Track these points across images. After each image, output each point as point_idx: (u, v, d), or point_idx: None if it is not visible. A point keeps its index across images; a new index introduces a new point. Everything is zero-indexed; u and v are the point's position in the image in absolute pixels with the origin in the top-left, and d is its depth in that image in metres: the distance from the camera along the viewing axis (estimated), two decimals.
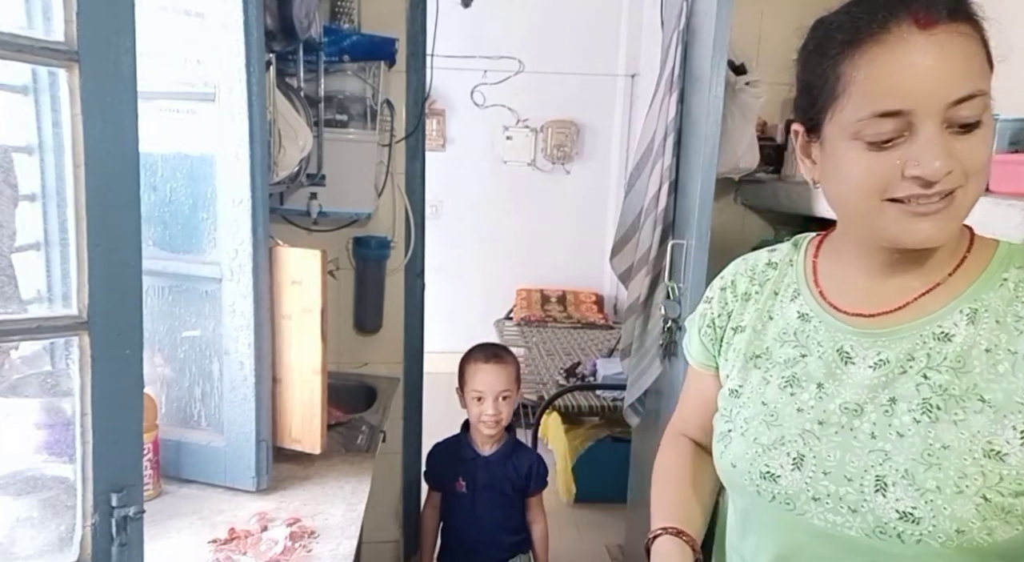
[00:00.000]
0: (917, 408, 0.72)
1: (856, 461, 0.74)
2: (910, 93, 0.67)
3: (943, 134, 0.68)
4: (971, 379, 0.71)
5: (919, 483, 0.70)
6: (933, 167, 0.67)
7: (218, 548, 1.28)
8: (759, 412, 0.83)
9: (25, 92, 1.09)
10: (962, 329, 0.73)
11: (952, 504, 0.68)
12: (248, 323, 1.42)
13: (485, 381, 1.87)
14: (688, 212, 1.83)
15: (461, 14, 2.70)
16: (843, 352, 0.79)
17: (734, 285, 0.92)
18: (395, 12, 2.23)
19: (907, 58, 0.67)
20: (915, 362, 0.74)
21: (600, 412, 3.34)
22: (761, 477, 0.79)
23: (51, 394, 1.08)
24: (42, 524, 0.96)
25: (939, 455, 0.70)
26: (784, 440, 0.79)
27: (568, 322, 4.74)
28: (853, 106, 0.71)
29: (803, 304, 0.85)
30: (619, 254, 2.20)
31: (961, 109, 0.67)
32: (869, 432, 0.74)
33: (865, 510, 0.72)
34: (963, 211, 0.71)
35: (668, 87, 1.89)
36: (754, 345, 0.87)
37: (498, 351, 1.96)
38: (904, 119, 0.68)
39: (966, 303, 0.74)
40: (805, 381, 0.80)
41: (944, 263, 0.77)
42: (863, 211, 0.73)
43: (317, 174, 2.04)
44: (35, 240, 1.13)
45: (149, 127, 0.92)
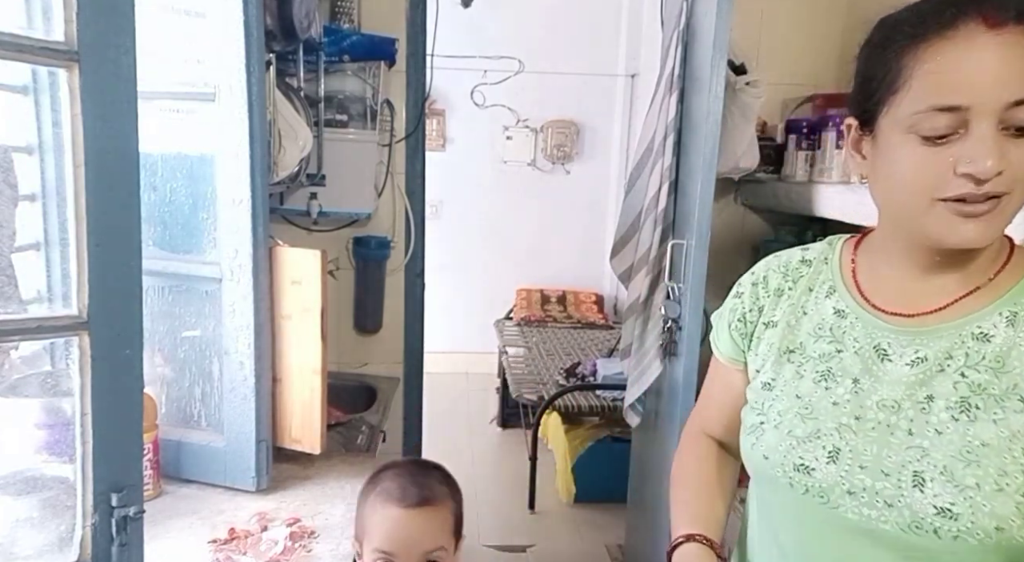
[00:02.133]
0: (955, 406, 0.73)
1: (893, 456, 0.74)
2: (970, 89, 0.68)
3: (998, 135, 0.68)
4: (1011, 379, 0.72)
5: (958, 479, 0.70)
6: (985, 165, 0.67)
7: (218, 548, 1.28)
8: (793, 405, 0.83)
9: (25, 92, 1.09)
10: (1001, 331, 0.74)
11: (992, 501, 0.68)
12: (248, 323, 1.42)
13: (397, 538, 1.05)
14: (688, 212, 1.83)
15: (461, 14, 2.70)
16: (880, 349, 0.80)
17: (766, 281, 0.93)
18: (395, 12, 2.23)
19: (971, 55, 0.68)
20: (953, 361, 0.75)
21: (600, 412, 3.34)
22: (795, 469, 0.80)
23: (51, 394, 1.08)
24: (42, 524, 0.96)
25: (979, 452, 0.70)
26: (820, 433, 0.79)
27: (568, 322, 4.74)
28: (912, 99, 0.71)
29: (839, 300, 0.85)
30: (619, 254, 2.20)
31: (1019, 111, 0.67)
32: (906, 429, 0.75)
33: (902, 505, 0.72)
34: (1007, 216, 0.71)
35: (668, 87, 1.89)
36: (788, 340, 0.87)
37: (425, 482, 1.10)
38: (961, 116, 0.68)
39: (1006, 306, 0.75)
40: (840, 376, 0.81)
41: (985, 268, 0.78)
42: (911, 208, 0.74)
43: (317, 174, 2.04)
44: (35, 240, 1.13)
45: (149, 127, 0.92)
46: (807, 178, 1.99)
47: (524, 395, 3.43)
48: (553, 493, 3.34)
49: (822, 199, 1.85)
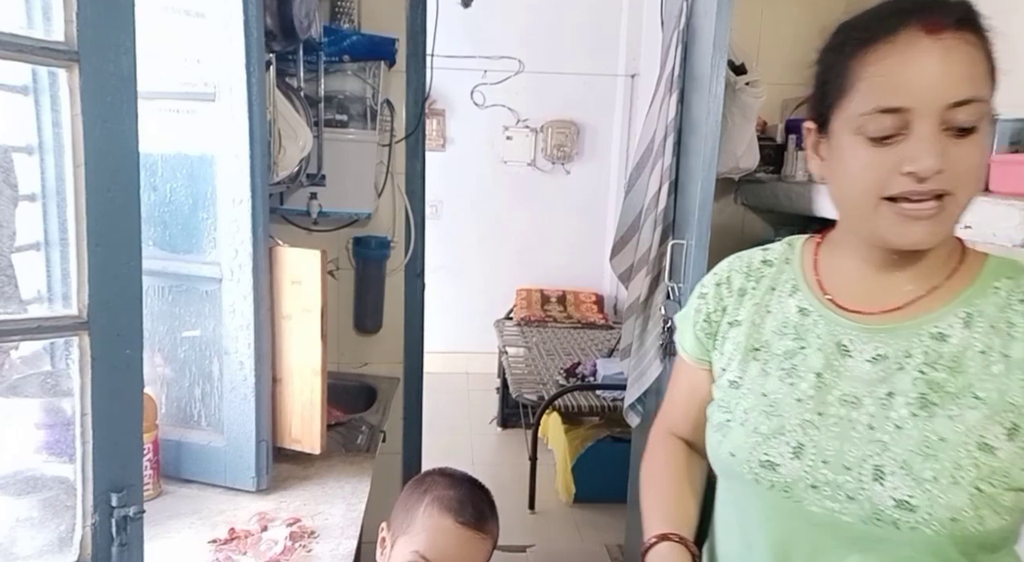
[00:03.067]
0: (914, 402, 0.76)
1: (854, 451, 0.77)
2: (912, 91, 0.71)
3: (939, 135, 0.71)
4: (966, 378, 0.75)
5: (916, 473, 0.73)
6: (926, 164, 0.71)
7: (218, 548, 1.28)
8: (759, 402, 0.85)
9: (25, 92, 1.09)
10: (958, 331, 0.77)
11: (948, 494, 0.71)
12: (248, 323, 1.42)
13: (446, 552, 1.04)
14: (688, 212, 1.83)
15: (461, 14, 2.69)
16: (842, 346, 0.82)
17: (729, 281, 0.95)
18: (395, 12, 2.23)
19: (912, 59, 0.72)
20: (912, 359, 0.78)
21: (600, 412, 3.34)
22: (760, 465, 0.82)
23: (51, 394, 1.08)
24: (42, 524, 0.96)
25: (936, 447, 0.73)
26: (784, 429, 0.82)
27: (568, 322, 4.74)
28: (859, 101, 0.75)
29: (802, 299, 0.88)
30: (619, 254, 2.20)
31: (959, 113, 0.71)
32: (867, 423, 0.77)
33: (862, 498, 0.75)
34: (952, 218, 0.75)
35: (668, 87, 1.89)
36: (753, 338, 0.89)
37: (482, 509, 1.10)
38: (904, 117, 0.72)
39: (962, 307, 0.78)
40: (804, 372, 0.83)
41: (939, 268, 0.81)
42: (861, 207, 0.77)
43: (317, 174, 2.04)
44: (35, 240, 1.13)
45: (149, 127, 0.92)
46: (807, 178, 1.99)
47: (524, 395, 3.43)
48: (553, 493, 3.34)
49: (822, 199, 1.85)
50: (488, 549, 1.09)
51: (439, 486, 1.09)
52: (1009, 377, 0.74)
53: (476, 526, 1.06)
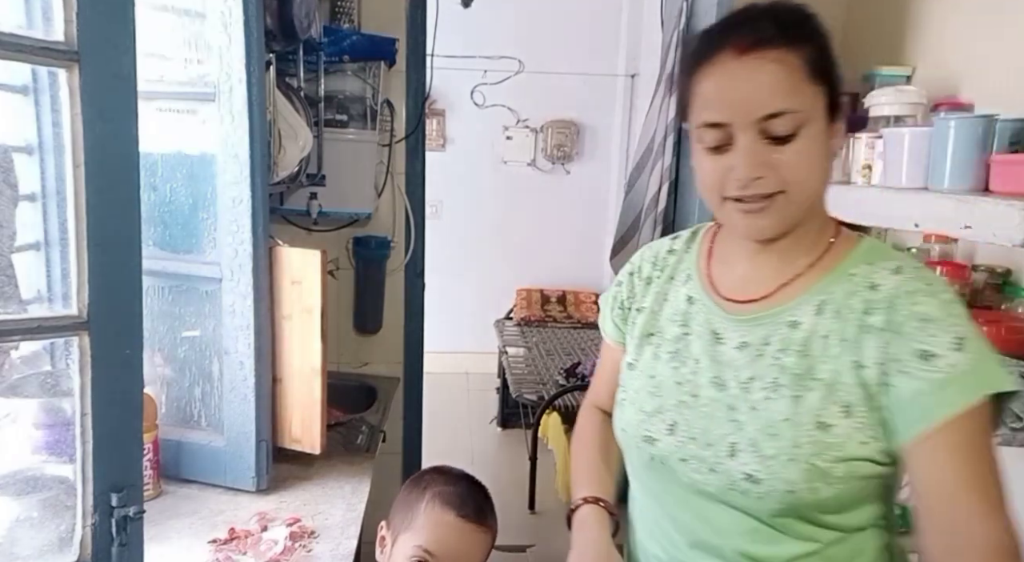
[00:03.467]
0: (768, 386, 0.84)
1: (716, 429, 0.86)
2: (726, 108, 0.81)
3: (758, 145, 0.80)
4: (810, 362, 0.82)
5: (761, 450, 0.81)
6: (742, 172, 0.81)
7: (218, 548, 1.28)
8: (646, 384, 0.94)
9: (25, 92, 1.09)
10: (809, 319, 0.84)
11: (786, 469, 0.80)
12: (248, 323, 1.42)
13: (448, 546, 1.06)
14: (688, 212, 1.83)
15: (461, 14, 2.69)
16: (716, 333, 0.91)
17: (640, 270, 1.04)
18: (395, 12, 2.23)
19: (726, 79, 0.81)
20: (770, 346, 0.85)
21: None
22: (643, 440, 0.92)
23: (51, 394, 1.08)
24: (42, 524, 0.96)
25: (778, 427, 0.81)
26: (663, 409, 0.91)
27: (568, 322, 4.73)
28: (693, 116, 0.85)
29: (692, 288, 0.96)
30: (619, 254, 2.20)
31: (773, 124, 0.79)
32: (729, 405, 0.86)
33: (720, 471, 0.84)
34: (789, 210, 0.82)
35: (668, 87, 1.89)
36: (650, 324, 0.98)
37: (481, 503, 1.12)
38: (727, 130, 0.81)
39: (816, 296, 0.85)
40: (686, 357, 0.92)
41: (804, 255, 0.88)
42: (713, 205, 0.87)
43: (317, 174, 2.04)
44: (35, 240, 1.13)
45: (149, 127, 0.92)
46: None
47: (524, 395, 3.42)
48: (553, 493, 3.34)
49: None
50: (488, 543, 1.13)
51: (438, 483, 1.11)
52: (842, 358, 0.81)
53: (477, 520, 1.09)
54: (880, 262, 0.84)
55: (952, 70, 1.82)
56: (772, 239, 0.86)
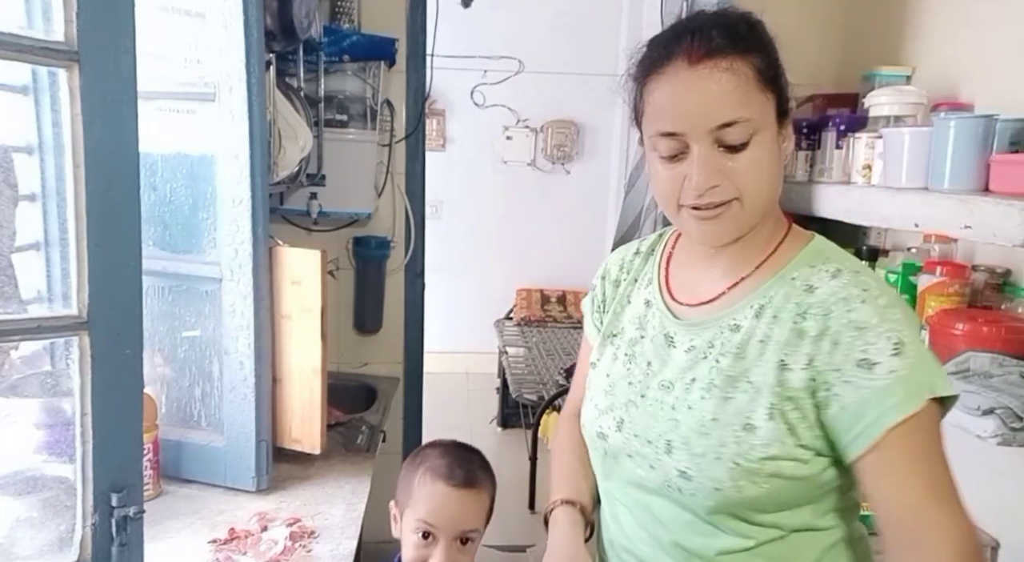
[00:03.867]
0: (705, 387, 0.85)
1: (656, 427, 0.88)
2: (680, 119, 0.81)
3: (712, 153, 0.81)
4: (744, 364, 0.84)
5: (692, 448, 0.84)
6: (696, 181, 0.81)
7: (218, 548, 1.28)
8: (602, 383, 0.97)
9: (25, 92, 1.09)
10: (748, 322, 0.86)
11: (712, 467, 0.82)
12: (248, 323, 1.42)
13: (441, 513, 1.14)
14: None
15: (461, 14, 2.69)
16: (668, 337, 0.93)
17: (608, 272, 1.06)
18: (395, 12, 2.23)
19: (678, 89, 0.81)
20: (713, 349, 0.87)
21: None
22: (597, 436, 0.95)
23: (51, 394, 1.08)
24: (42, 524, 0.96)
25: (708, 426, 0.83)
26: (614, 406, 0.94)
27: (568, 322, 4.73)
28: (647, 124, 0.86)
29: (650, 292, 0.98)
30: None
31: (726, 133, 0.80)
32: (671, 405, 0.88)
33: (658, 467, 0.86)
34: (743, 217, 0.83)
35: None
36: (612, 325, 1.01)
37: (471, 468, 1.19)
38: (680, 139, 0.82)
39: (757, 299, 0.86)
40: (640, 359, 0.94)
41: (754, 257, 0.89)
42: (667, 211, 0.88)
43: (317, 174, 2.04)
44: (35, 240, 1.13)
45: (149, 127, 0.92)
46: (807, 178, 1.99)
47: (524, 395, 3.42)
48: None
49: (822, 199, 1.85)
50: (485, 502, 1.20)
51: (430, 457, 1.18)
52: (771, 361, 0.82)
53: (467, 485, 1.16)
54: (821, 265, 0.85)
55: (952, 70, 1.82)
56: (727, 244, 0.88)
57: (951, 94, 1.79)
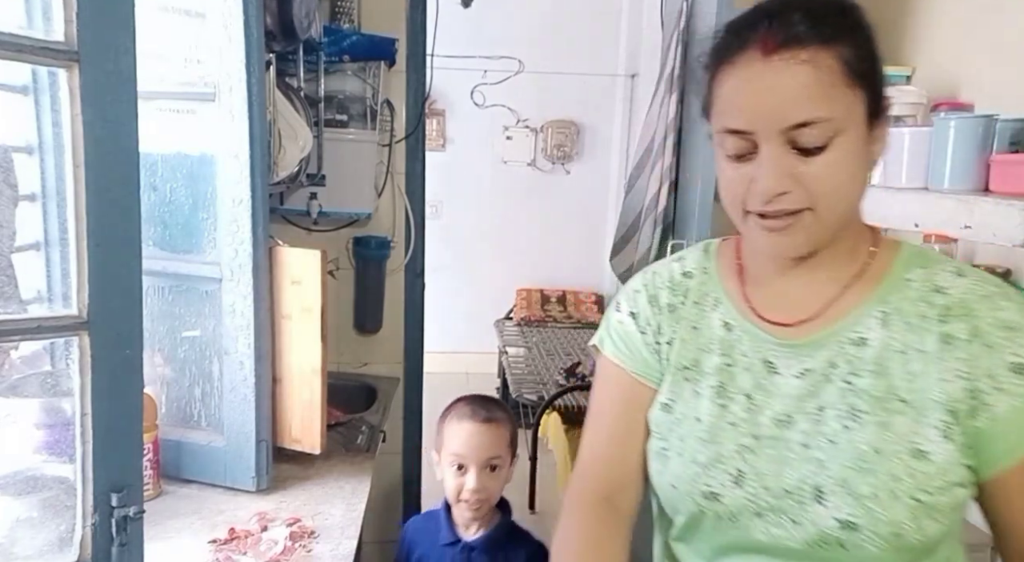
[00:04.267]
0: (845, 414, 0.73)
1: (793, 473, 0.74)
2: (750, 116, 0.72)
3: (784, 155, 0.71)
4: (889, 381, 0.73)
5: (854, 490, 0.70)
6: (764, 186, 0.72)
7: (218, 548, 1.28)
8: (694, 429, 0.81)
9: (25, 92, 1.09)
10: (876, 332, 0.75)
11: (888, 509, 0.69)
12: (248, 323, 1.42)
13: (469, 444, 1.41)
14: (688, 212, 1.83)
15: (461, 14, 2.69)
16: (768, 363, 0.80)
17: (656, 299, 0.90)
18: (395, 12, 2.23)
19: (749, 83, 0.72)
20: (837, 369, 0.75)
21: None
22: (703, 497, 0.79)
23: (51, 394, 1.08)
24: (42, 524, 0.96)
25: (871, 459, 0.71)
26: (722, 457, 0.78)
27: (568, 322, 4.74)
28: (715, 119, 0.77)
29: (725, 313, 0.85)
30: (619, 254, 2.20)
31: (800, 134, 0.70)
32: (802, 442, 0.75)
33: (806, 521, 0.72)
34: (817, 229, 0.73)
35: (668, 87, 1.89)
36: (683, 356, 0.86)
37: (490, 406, 1.49)
38: (748, 138, 0.73)
39: (876, 306, 0.76)
40: (734, 392, 0.80)
41: (846, 265, 0.79)
42: (734, 215, 0.78)
43: (317, 174, 2.04)
44: (35, 240, 1.13)
45: (149, 127, 0.92)
46: None
47: (524, 395, 3.42)
48: (553, 493, 3.34)
49: None
50: (505, 435, 1.47)
51: (457, 406, 1.49)
52: (927, 373, 0.72)
53: (487, 419, 1.45)
54: (935, 266, 0.77)
55: (952, 70, 1.82)
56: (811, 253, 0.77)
57: (951, 94, 1.79)
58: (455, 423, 1.44)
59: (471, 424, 1.43)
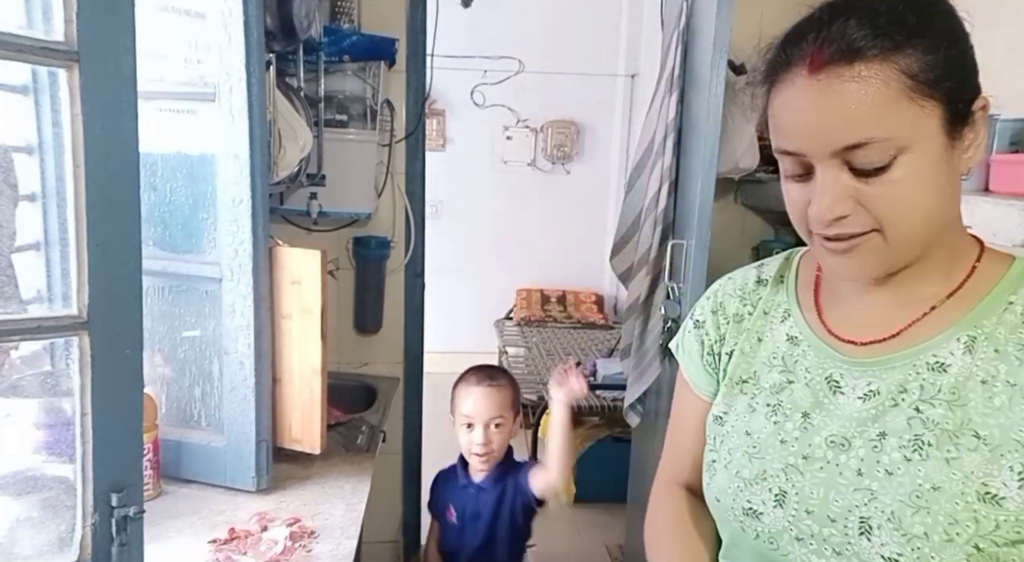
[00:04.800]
0: (908, 444, 0.67)
1: (840, 500, 0.69)
2: (798, 137, 0.67)
3: (840, 177, 0.66)
4: (966, 413, 0.66)
5: (905, 528, 0.64)
6: (820, 212, 0.66)
7: (218, 548, 1.28)
8: (742, 443, 0.78)
9: (25, 92, 1.09)
10: (958, 359, 0.68)
11: (941, 553, 0.63)
12: (248, 323, 1.42)
13: (475, 406, 1.69)
14: (688, 212, 1.83)
15: (461, 14, 2.69)
16: (832, 381, 0.74)
17: (723, 307, 0.87)
18: (395, 12, 2.23)
19: (796, 103, 0.66)
20: (907, 394, 0.69)
21: (600, 412, 3.34)
22: (744, 514, 0.75)
23: (51, 394, 1.08)
24: (42, 524, 0.96)
25: (928, 497, 0.64)
26: (767, 474, 0.74)
27: (568, 322, 4.74)
28: (772, 137, 0.72)
29: (793, 326, 0.80)
30: (619, 254, 2.20)
31: (854, 155, 0.64)
32: (856, 468, 0.69)
33: (850, 553, 0.67)
34: (888, 252, 0.67)
35: (668, 87, 1.89)
36: (741, 368, 0.83)
37: (493, 374, 1.77)
38: (802, 160, 0.68)
39: (964, 330, 0.69)
40: (790, 410, 0.76)
41: (940, 283, 0.72)
42: (802, 235, 0.73)
43: (317, 174, 2.04)
44: (35, 240, 1.13)
45: (149, 127, 0.92)
46: None
47: (524, 395, 3.42)
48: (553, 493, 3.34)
49: None
50: (509, 394, 1.73)
51: (464, 375, 1.76)
52: (1012, 410, 0.64)
53: (490, 382, 1.72)
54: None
55: None
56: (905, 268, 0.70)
57: None
58: (463, 389, 1.73)
59: (477, 389, 1.69)
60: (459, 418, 1.71)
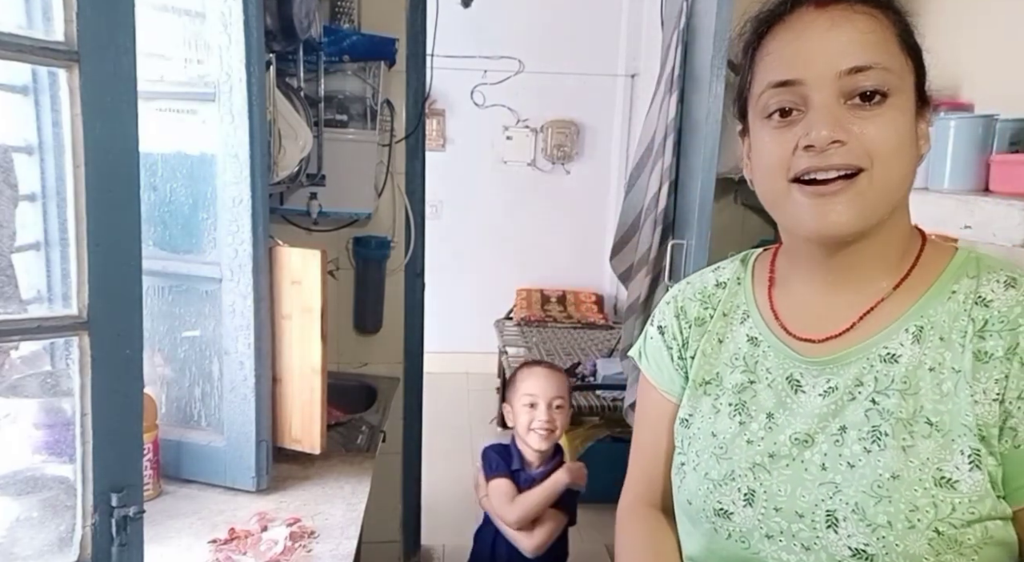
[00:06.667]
0: (867, 436, 0.69)
1: (807, 495, 0.70)
2: (802, 63, 0.69)
3: (836, 106, 0.68)
4: (918, 401, 0.68)
5: (870, 518, 0.66)
6: (819, 134, 0.67)
7: (218, 548, 1.28)
8: (709, 444, 0.79)
9: (25, 92, 1.09)
10: (908, 349, 0.70)
11: (904, 540, 0.64)
12: (248, 323, 1.42)
13: (538, 384, 1.77)
14: (688, 212, 1.83)
15: (461, 14, 2.70)
16: (793, 380, 0.76)
17: (684, 312, 0.88)
18: (395, 12, 2.23)
19: (803, 33, 0.69)
20: (863, 387, 0.71)
21: (600, 412, 3.34)
22: (716, 514, 0.76)
23: (51, 394, 1.08)
24: (42, 524, 0.96)
25: (889, 486, 0.66)
26: (735, 475, 0.76)
27: (568, 322, 4.74)
28: (757, 83, 0.73)
29: (752, 327, 0.82)
30: (619, 254, 2.20)
31: (856, 79, 0.67)
32: (820, 463, 0.71)
33: (818, 547, 0.69)
34: (871, 197, 0.68)
35: (668, 87, 1.89)
36: (704, 370, 0.84)
37: (552, 363, 1.95)
38: (798, 90, 0.69)
39: (912, 320, 0.71)
40: (755, 410, 0.77)
41: (887, 274, 0.74)
42: (776, 194, 0.73)
43: (317, 174, 2.04)
44: (35, 240, 1.13)
45: (149, 127, 0.92)
46: None
47: None
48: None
49: None
50: (565, 383, 1.81)
51: (525, 364, 1.88)
52: (959, 395, 0.66)
53: (550, 366, 1.86)
54: (986, 274, 0.70)
55: (952, 70, 1.82)
56: (847, 243, 0.71)
57: (951, 94, 1.79)
58: (527, 370, 1.83)
59: (540, 369, 1.82)
60: (521, 398, 1.77)
